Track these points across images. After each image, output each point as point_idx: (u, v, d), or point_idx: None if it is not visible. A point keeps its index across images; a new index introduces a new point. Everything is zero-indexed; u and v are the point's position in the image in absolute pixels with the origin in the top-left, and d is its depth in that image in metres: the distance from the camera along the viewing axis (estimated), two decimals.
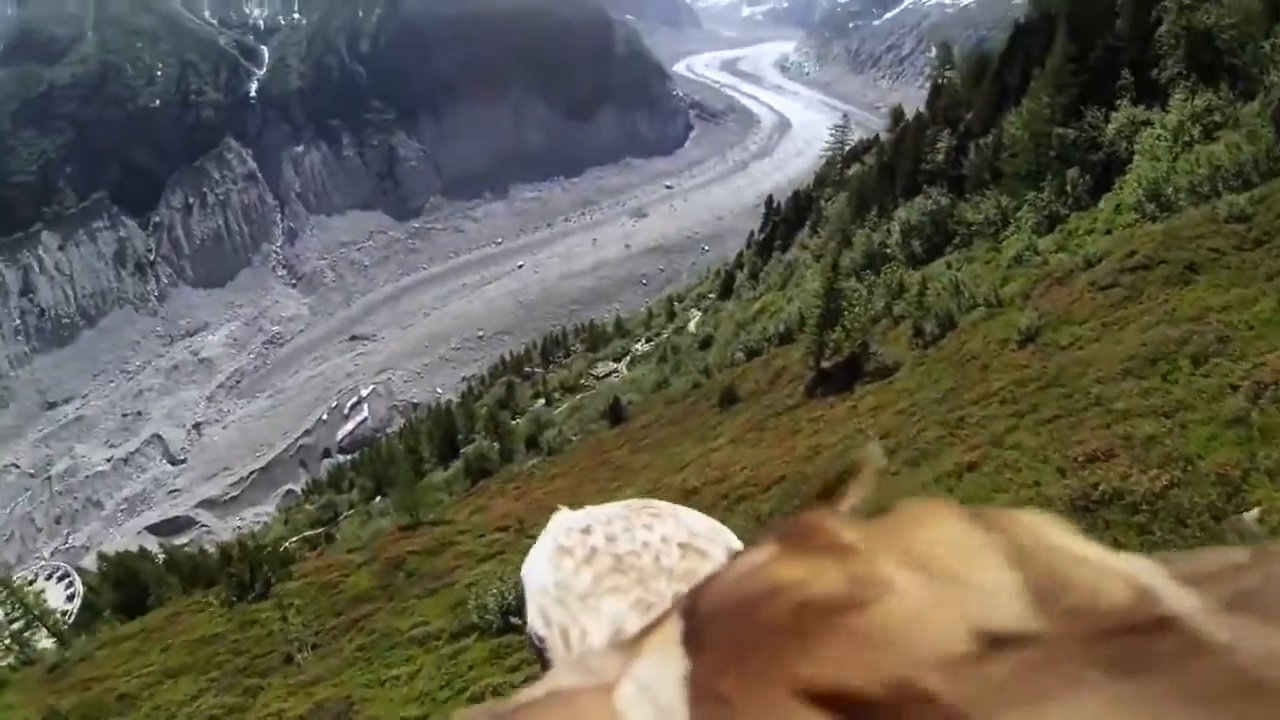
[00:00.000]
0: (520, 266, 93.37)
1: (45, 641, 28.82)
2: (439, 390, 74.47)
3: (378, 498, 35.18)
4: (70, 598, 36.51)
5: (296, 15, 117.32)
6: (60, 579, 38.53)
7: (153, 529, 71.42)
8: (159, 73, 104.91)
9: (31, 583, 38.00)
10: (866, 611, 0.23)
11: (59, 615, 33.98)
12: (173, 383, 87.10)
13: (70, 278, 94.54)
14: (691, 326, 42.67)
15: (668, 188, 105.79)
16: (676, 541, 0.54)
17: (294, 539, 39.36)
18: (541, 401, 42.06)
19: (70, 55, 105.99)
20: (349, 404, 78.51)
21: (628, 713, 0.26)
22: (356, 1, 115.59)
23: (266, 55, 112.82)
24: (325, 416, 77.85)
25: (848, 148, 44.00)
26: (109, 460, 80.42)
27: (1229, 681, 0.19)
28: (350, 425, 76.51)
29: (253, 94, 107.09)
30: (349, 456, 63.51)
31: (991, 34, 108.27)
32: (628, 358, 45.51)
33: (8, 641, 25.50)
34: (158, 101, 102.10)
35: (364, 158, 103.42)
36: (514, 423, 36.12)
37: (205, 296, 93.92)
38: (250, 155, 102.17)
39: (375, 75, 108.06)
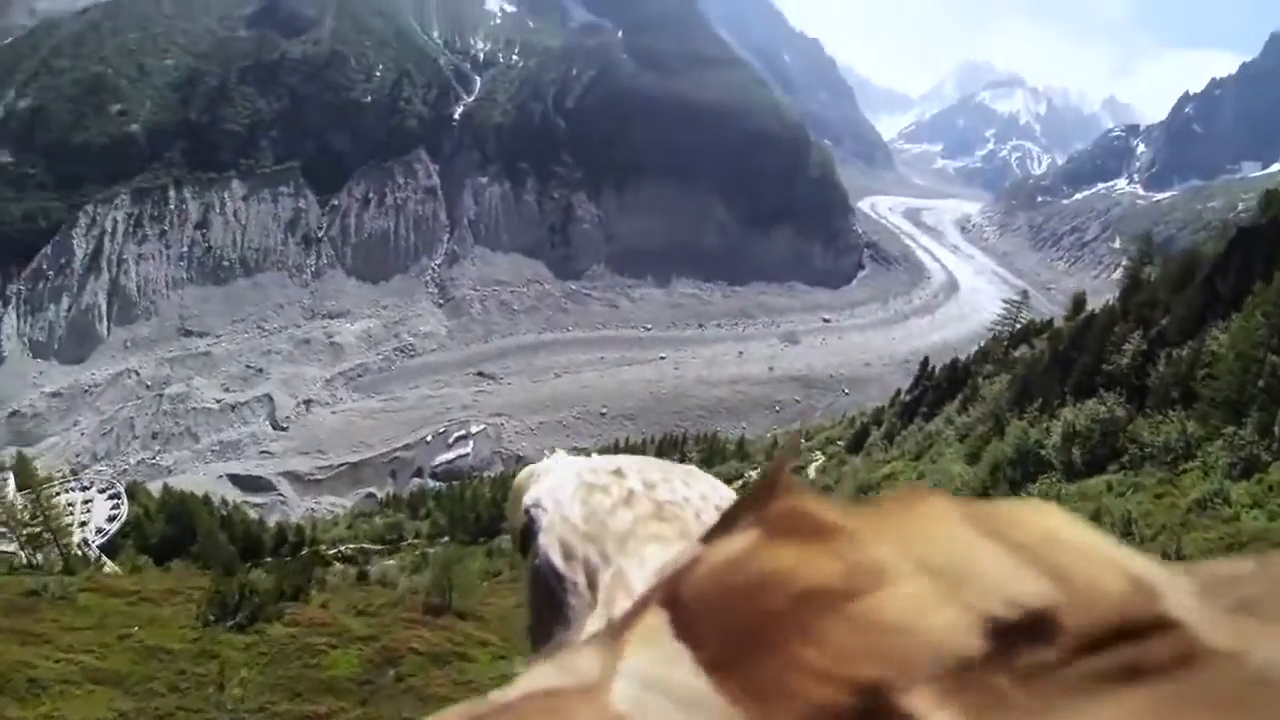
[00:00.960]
0: (662, 358, 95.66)
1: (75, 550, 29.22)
2: (546, 452, 77.52)
3: (445, 538, 36.60)
4: (112, 519, 37.31)
5: (515, 57, 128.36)
6: (111, 497, 39.57)
7: (234, 479, 77.17)
8: (378, 73, 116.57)
9: (86, 489, 40.48)
10: (866, 599, 0.23)
11: (96, 530, 35.43)
12: (300, 354, 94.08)
13: (244, 227, 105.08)
14: (811, 471, 41.43)
15: (825, 320, 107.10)
16: (714, 503, 0.55)
17: (349, 547, 41.10)
18: None
19: (307, 35, 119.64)
20: (456, 434, 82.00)
21: (633, 714, 0.25)
22: (573, 59, 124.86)
23: (478, 85, 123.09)
24: (430, 438, 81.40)
25: (1019, 325, 43.06)
26: (219, 402, 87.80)
27: (1241, 687, 0.20)
28: (450, 455, 79.88)
29: (455, 117, 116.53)
30: (438, 484, 66.47)
31: (1180, 234, 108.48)
32: (740, 483, 47.89)
33: (23, 539, 26.10)
34: (369, 98, 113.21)
35: (541, 207, 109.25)
36: None
37: (355, 287, 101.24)
38: (437, 172, 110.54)
39: (572, 132, 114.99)
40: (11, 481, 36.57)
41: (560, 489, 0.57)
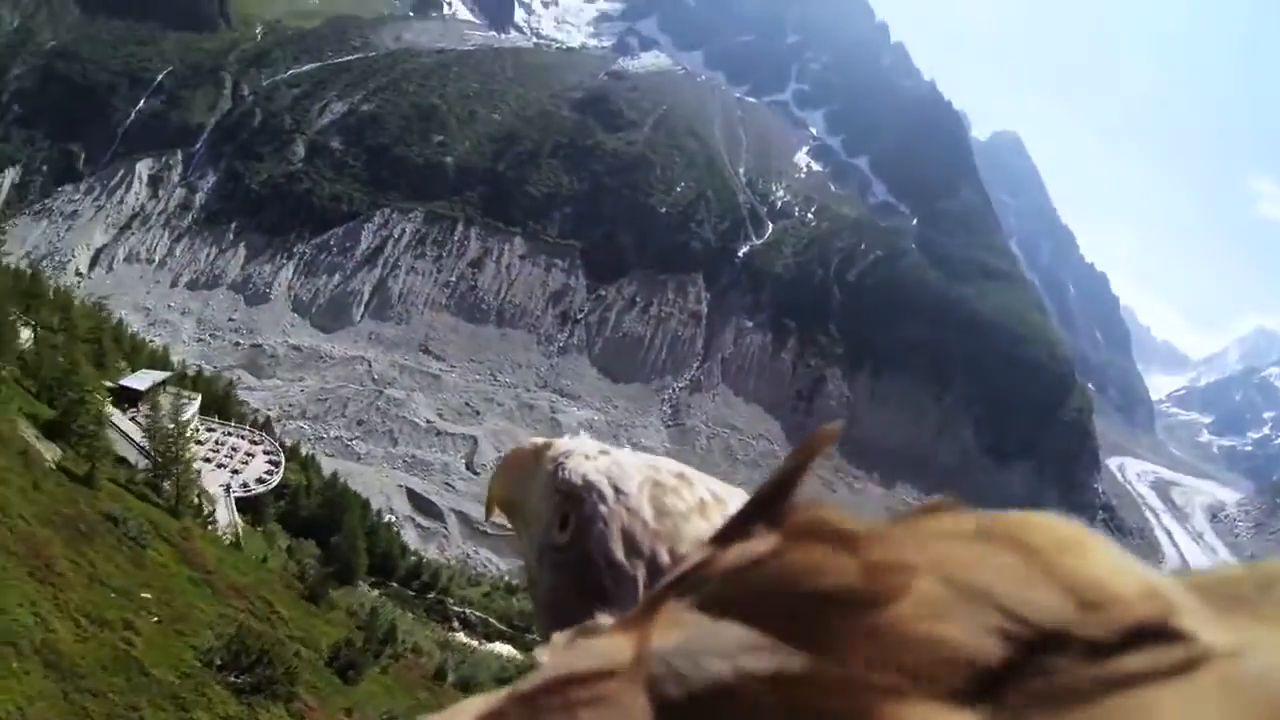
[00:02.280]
0: None
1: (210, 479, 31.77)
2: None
3: None
4: (261, 480, 39.86)
5: (810, 215, 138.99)
6: (271, 461, 42.38)
7: (410, 493, 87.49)
8: (678, 189, 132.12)
9: (255, 443, 43.76)
10: (888, 606, 0.26)
11: (241, 485, 37.78)
12: (519, 415, 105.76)
13: (511, 282, 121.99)
14: None
15: None
16: None
17: (474, 613, 44.80)
18: None
19: (624, 134, 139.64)
20: None
21: (681, 659, 0.28)
22: (864, 233, 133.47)
23: (769, 231, 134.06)
24: None
25: None
26: (428, 423, 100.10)
27: (1242, 686, 0.23)
28: None
29: (740, 254, 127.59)
30: None
31: None
32: None
33: (159, 460, 27.64)
34: (664, 208, 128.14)
35: (795, 369, 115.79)
36: None
37: (594, 377, 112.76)
38: (707, 300, 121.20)
39: (846, 306, 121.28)
40: (195, 406, 39.10)
41: (623, 479, 0.63)
